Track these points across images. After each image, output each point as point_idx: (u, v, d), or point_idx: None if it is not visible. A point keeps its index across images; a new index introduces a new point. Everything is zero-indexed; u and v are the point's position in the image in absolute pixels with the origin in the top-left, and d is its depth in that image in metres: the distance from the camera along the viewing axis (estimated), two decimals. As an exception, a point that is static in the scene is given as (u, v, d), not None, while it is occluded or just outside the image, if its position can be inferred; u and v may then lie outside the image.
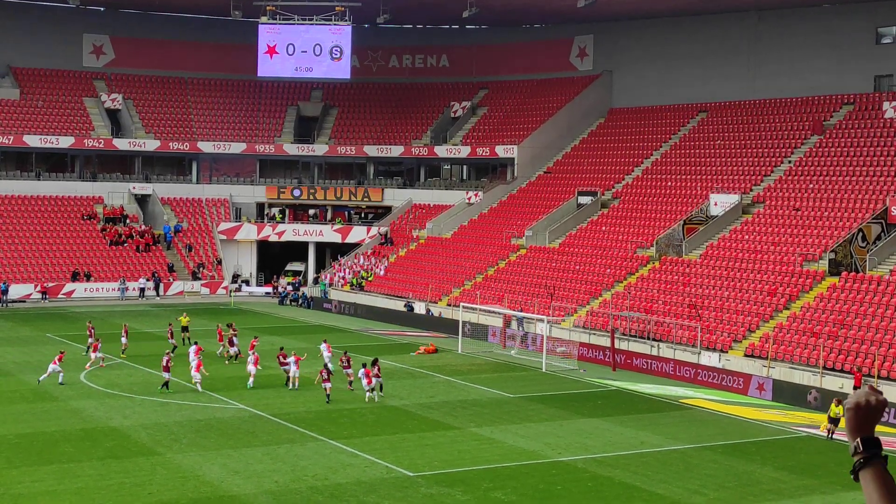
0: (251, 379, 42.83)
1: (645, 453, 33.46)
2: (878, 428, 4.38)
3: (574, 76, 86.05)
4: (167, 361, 41.84)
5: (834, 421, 35.25)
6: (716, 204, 62.33)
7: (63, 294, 72.36)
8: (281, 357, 44.43)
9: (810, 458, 33.52)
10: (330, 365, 44.02)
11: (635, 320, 53.34)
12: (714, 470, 31.29)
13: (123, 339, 50.21)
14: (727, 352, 48.48)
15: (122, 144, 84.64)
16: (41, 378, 42.00)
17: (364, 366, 41.23)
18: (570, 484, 29.51)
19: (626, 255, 62.04)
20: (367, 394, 40.46)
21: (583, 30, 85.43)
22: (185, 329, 52.95)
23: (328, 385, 40.41)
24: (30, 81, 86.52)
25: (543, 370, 48.89)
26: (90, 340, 48.36)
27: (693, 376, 46.95)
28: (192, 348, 43.64)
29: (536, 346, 52.96)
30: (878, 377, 42.41)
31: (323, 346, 47.94)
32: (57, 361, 41.96)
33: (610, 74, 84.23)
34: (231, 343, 49.48)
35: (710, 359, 48.32)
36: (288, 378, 43.00)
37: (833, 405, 35.75)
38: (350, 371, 42.79)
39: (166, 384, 41.31)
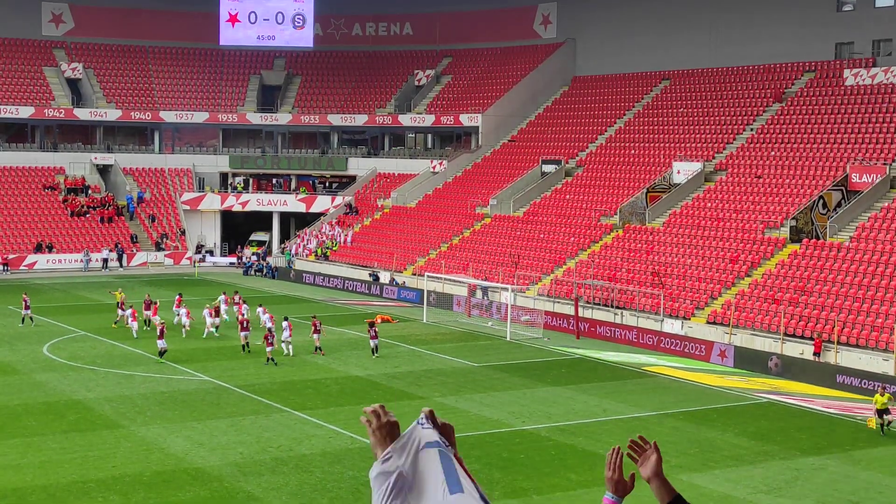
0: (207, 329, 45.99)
1: (607, 421, 33.79)
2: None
3: (538, 44, 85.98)
4: (160, 330, 42.35)
5: (882, 413, 32.48)
6: (678, 172, 62.63)
7: (25, 266, 71.82)
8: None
9: (771, 425, 33.95)
10: (271, 326, 45.65)
11: (599, 288, 53.65)
12: (676, 437, 31.64)
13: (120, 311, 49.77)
14: (689, 319, 48.89)
15: (83, 114, 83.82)
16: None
17: (286, 318, 44.59)
18: (534, 452, 29.76)
19: (590, 223, 62.28)
20: (284, 345, 43.08)
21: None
22: (119, 305, 50.16)
23: (270, 349, 41.77)
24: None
25: (508, 339, 49.11)
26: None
27: (656, 344, 47.32)
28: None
29: (501, 315, 53.17)
30: (838, 342, 42.93)
31: (260, 310, 49.82)
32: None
33: (573, 42, 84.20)
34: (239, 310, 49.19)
35: (672, 326, 48.72)
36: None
37: (878, 395, 33.01)
38: (317, 337, 43.87)
39: (162, 353, 42.05)
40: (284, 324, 43.82)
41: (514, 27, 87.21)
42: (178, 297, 52.29)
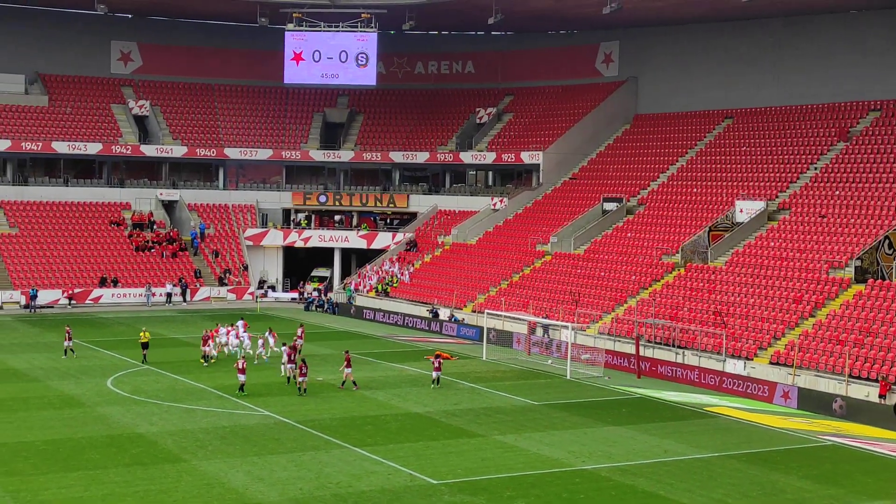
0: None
1: (668, 462, 33.43)
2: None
3: (599, 82, 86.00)
4: (241, 364, 42.85)
5: None
6: (741, 211, 62.14)
7: (90, 300, 72.89)
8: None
9: (836, 468, 33.39)
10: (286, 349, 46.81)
11: (660, 327, 53.26)
12: (738, 479, 31.22)
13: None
14: (752, 359, 48.34)
15: (149, 151, 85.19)
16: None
17: (284, 344, 47.27)
18: (594, 493, 29.53)
19: (652, 261, 61.95)
20: (285, 367, 45.22)
21: (608, 36, 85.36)
22: (144, 346, 49.49)
23: (303, 379, 43.09)
24: (58, 88, 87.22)
25: (568, 377, 48.87)
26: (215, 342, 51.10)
27: (718, 384, 46.83)
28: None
29: (561, 353, 52.95)
30: (905, 386, 42.19)
31: (268, 335, 52.45)
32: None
33: (635, 80, 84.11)
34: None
35: (735, 366, 48.19)
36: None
37: None
38: (349, 371, 44.42)
39: (242, 387, 42.47)
40: (284, 349, 46.38)
41: (575, 65, 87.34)
42: (243, 322, 52.97)
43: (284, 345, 47.70)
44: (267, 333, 52.47)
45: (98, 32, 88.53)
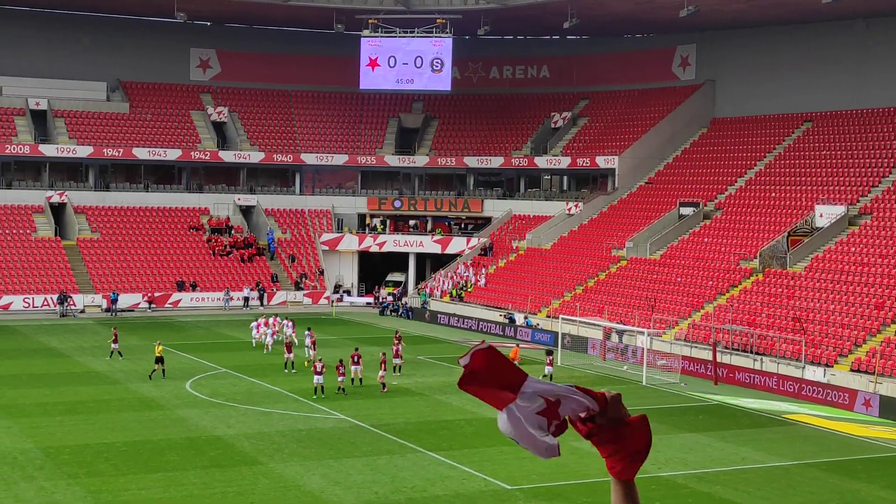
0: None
1: (746, 469, 33.02)
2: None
3: (676, 86, 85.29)
4: (320, 367, 43.26)
5: None
6: (821, 215, 61.23)
7: (169, 303, 73.96)
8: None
9: (918, 477, 32.75)
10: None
11: (738, 333, 52.64)
12: (817, 487, 30.75)
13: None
14: (832, 366, 47.57)
15: (227, 157, 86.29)
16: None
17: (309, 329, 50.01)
18: (670, 500, 29.27)
19: (729, 266, 61.26)
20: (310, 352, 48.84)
21: (685, 39, 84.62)
22: (159, 360, 46.74)
23: (341, 378, 43.71)
24: (139, 95, 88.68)
25: (644, 383, 48.52)
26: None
27: (797, 391, 46.16)
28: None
29: (637, 359, 52.57)
30: None
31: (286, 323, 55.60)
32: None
33: (713, 84, 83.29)
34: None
35: (814, 373, 47.45)
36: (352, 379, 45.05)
37: None
38: (357, 368, 45.09)
39: (319, 389, 42.93)
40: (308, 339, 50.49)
41: (651, 69, 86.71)
42: (309, 331, 53.01)
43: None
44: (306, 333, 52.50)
45: (177, 40, 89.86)
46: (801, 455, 35.11)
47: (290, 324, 55.97)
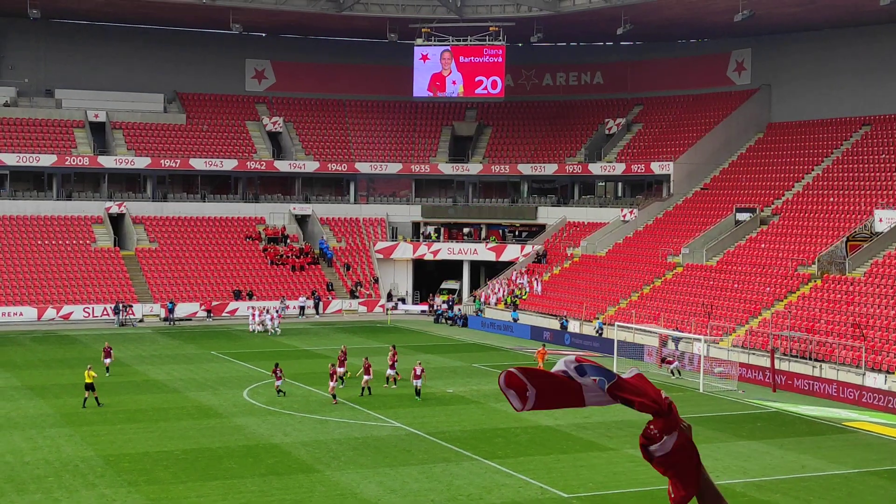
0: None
1: (806, 478, 32.65)
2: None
3: (731, 91, 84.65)
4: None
5: None
6: (881, 220, 60.42)
7: (227, 312, 74.58)
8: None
9: (983, 486, 32.18)
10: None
11: (796, 340, 52.08)
12: (880, 496, 30.34)
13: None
14: (894, 373, 46.90)
15: (282, 166, 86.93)
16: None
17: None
18: (728, 508, 28.95)
19: (787, 272, 60.64)
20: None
21: (740, 44, 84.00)
22: (89, 387, 42.05)
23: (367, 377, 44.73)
24: (195, 106, 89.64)
25: (701, 391, 48.13)
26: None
27: (857, 398, 45.56)
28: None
29: (693, 366, 52.17)
30: None
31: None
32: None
33: (769, 88, 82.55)
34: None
35: (875, 380, 46.81)
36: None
37: None
38: (419, 382, 44.89)
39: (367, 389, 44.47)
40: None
41: (706, 74, 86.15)
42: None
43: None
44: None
45: (233, 51, 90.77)
46: (863, 463, 34.65)
47: (276, 314, 65.66)
